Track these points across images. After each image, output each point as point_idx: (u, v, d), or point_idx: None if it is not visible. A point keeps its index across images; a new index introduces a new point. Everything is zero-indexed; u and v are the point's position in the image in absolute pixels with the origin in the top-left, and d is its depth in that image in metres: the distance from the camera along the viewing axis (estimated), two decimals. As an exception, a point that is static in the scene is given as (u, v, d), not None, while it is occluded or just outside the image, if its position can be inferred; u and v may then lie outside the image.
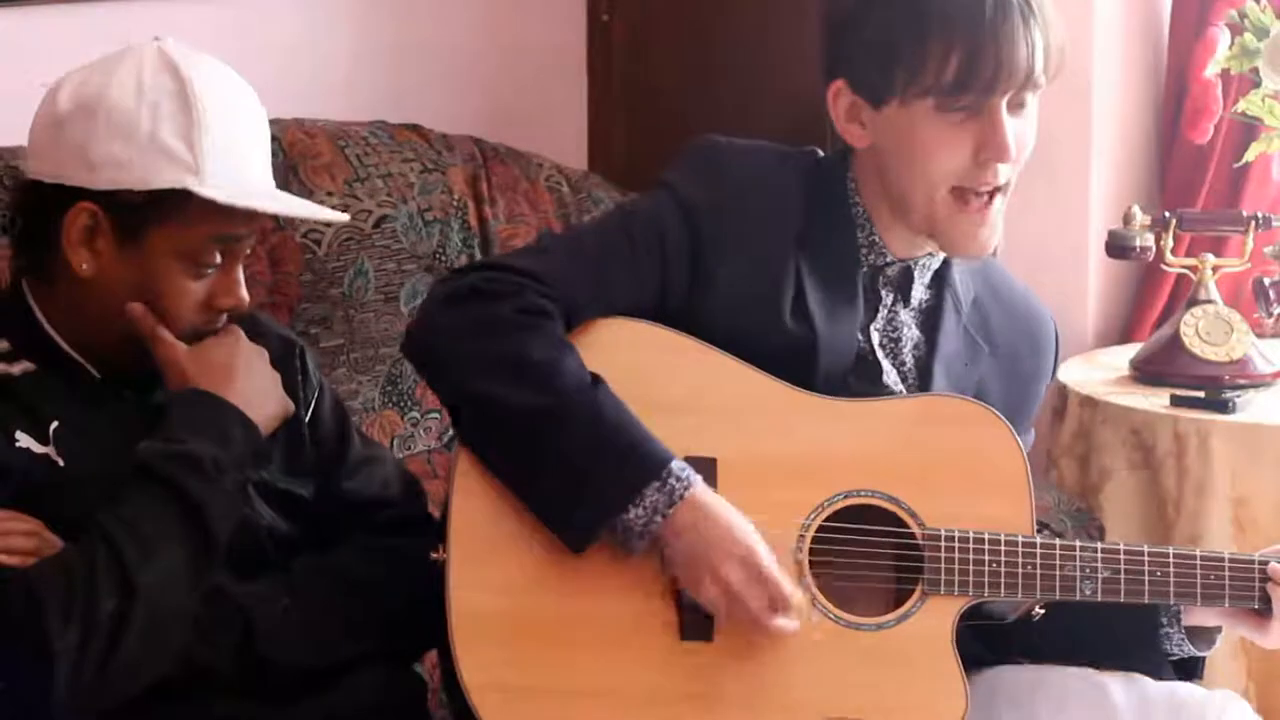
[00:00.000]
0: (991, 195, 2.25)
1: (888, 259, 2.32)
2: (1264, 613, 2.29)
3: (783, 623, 2.18)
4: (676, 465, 2.16)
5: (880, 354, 2.33)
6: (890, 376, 2.33)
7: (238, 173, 2.17)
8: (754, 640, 2.21)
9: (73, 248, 2.16)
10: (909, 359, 2.35)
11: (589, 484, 2.16)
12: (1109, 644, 2.39)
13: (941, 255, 2.34)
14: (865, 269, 2.32)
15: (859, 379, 2.31)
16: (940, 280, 2.36)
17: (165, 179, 2.13)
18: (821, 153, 2.39)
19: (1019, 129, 2.24)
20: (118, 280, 2.16)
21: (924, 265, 2.34)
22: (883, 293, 2.34)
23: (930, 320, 2.36)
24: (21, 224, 2.23)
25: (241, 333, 2.23)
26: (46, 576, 2.03)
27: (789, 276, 2.28)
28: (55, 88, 2.19)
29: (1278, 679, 3.35)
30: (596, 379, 2.20)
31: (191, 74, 2.16)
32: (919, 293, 2.35)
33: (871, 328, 2.33)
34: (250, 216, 2.19)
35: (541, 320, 2.21)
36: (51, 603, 2.01)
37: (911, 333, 2.35)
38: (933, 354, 2.35)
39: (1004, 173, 2.25)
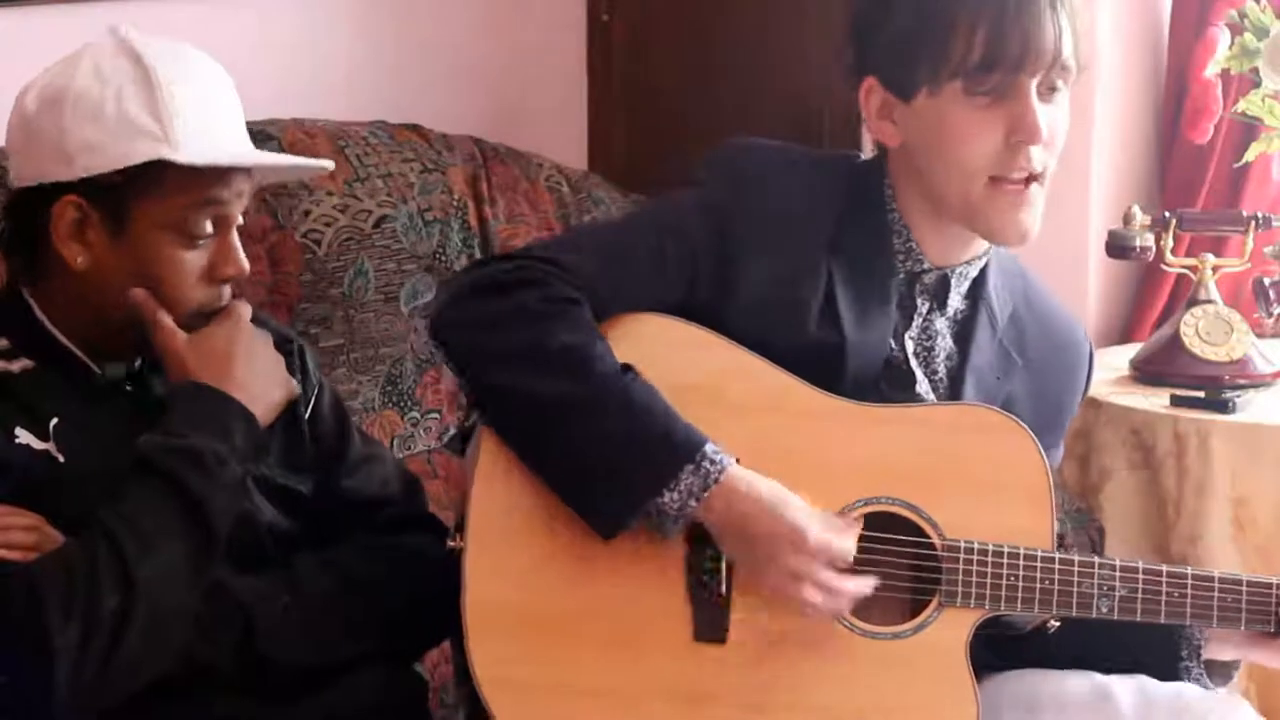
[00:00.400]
0: (1027, 182, 2.23)
1: (925, 266, 2.31)
2: (1278, 635, 2.29)
3: (855, 586, 2.17)
4: (710, 448, 2.15)
5: (914, 363, 2.32)
6: (923, 386, 2.32)
7: (209, 137, 2.17)
8: (767, 644, 2.21)
9: (64, 243, 2.16)
10: (942, 368, 2.34)
11: (621, 469, 2.15)
12: (1126, 670, 2.38)
13: (979, 264, 2.34)
14: (902, 276, 2.31)
15: (891, 387, 2.30)
16: (976, 292, 2.35)
17: (139, 153, 2.13)
18: (863, 156, 2.38)
19: (1051, 116, 2.23)
20: (114, 268, 2.16)
21: (961, 274, 2.33)
22: (919, 301, 2.33)
23: (964, 331, 2.35)
24: (10, 230, 2.23)
25: (244, 314, 2.23)
26: (47, 572, 2.03)
27: (819, 281, 2.27)
28: (23, 93, 2.21)
29: (1278, 677, 3.35)
30: (627, 366, 2.20)
31: (147, 53, 2.17)
32: (955, 302, 2.34)
33: (906, 336, 2.32)
34: (229, 178, 2.18)
35: (569, 307, 2.20)
36: (52, 599, 2.01)
37: (945, 342, 2.34)
38: (964, 365, 2.33)
39: (1037, 157, 2.23)
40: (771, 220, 2.27)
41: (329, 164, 2.38)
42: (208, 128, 2.17)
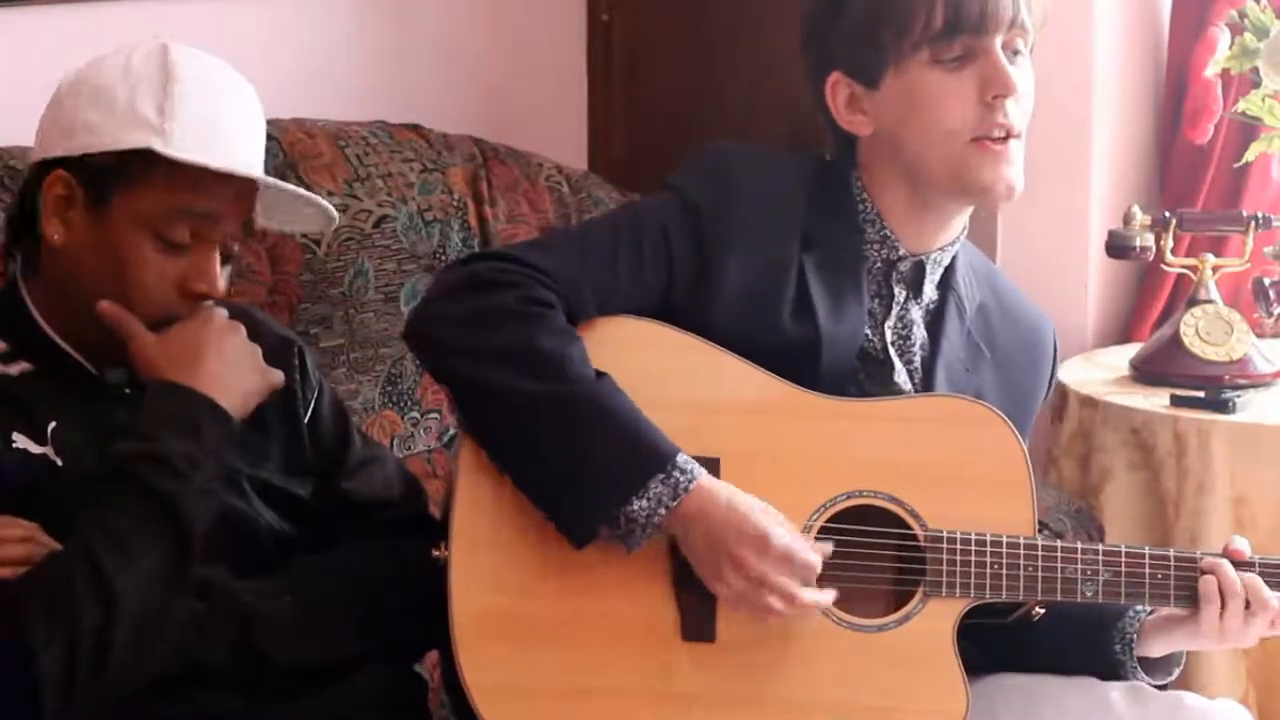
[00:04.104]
0: (1006, 139, 2.25)
1: (900, 253, 2.33)
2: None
3: (814, 597, 2.17)
4: (681, 459, 2.16)
5: (892, 352, 2.34)
6: (900, 376, 2.33)
7: (207, 143, 2.16)
8: (755, 641, 2.21)
9: (47, 218, 2.17)
10: (917, 358, 2.35)
11: (593, 475, 2.16)
12: (1062, 668, 2.39)
13: (951, 252, 2.35)
14: (879, 264, 2.33)
15: (869, 378, 2.32)
16: (945, 281, 2.37)
17: (130, 140, 2.14)
18: (828, 156, 2.39)
19: (1018, 75, 2.26)
20: (87, 252, 2.16)
21: (936, 260, 2.35)
22: (896, 289, 2.34)
23: (935, 321, 2.36)
24: (14, 208, 2.24)
25: (215, 312, 2.21)
26: (28, 591, 2.02)
27: (791, 276, 2.28)
28: (60, 82, 2.21)
29: (1277, 681, 3.35)
30: (601, 374, 2.20)
31: (180, 59, 2.18)
32: (929, 291, 2.36)
33: (885, 325, 2.34)
34: (215, 190, 2.17)
35: (545, 310, 2.21)
36: (34, 619, 2.00)
37: (920, 331, 2.36)
38: (935, 356, 2.35)
39: (1013, 112, 2.25)
40: (745, 220, 2.29)
41: (334, 212, 2.35)
42: (209, 136, 2.16)
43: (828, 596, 2.19)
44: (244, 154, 2.21)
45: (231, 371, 2.18)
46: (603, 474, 2.15)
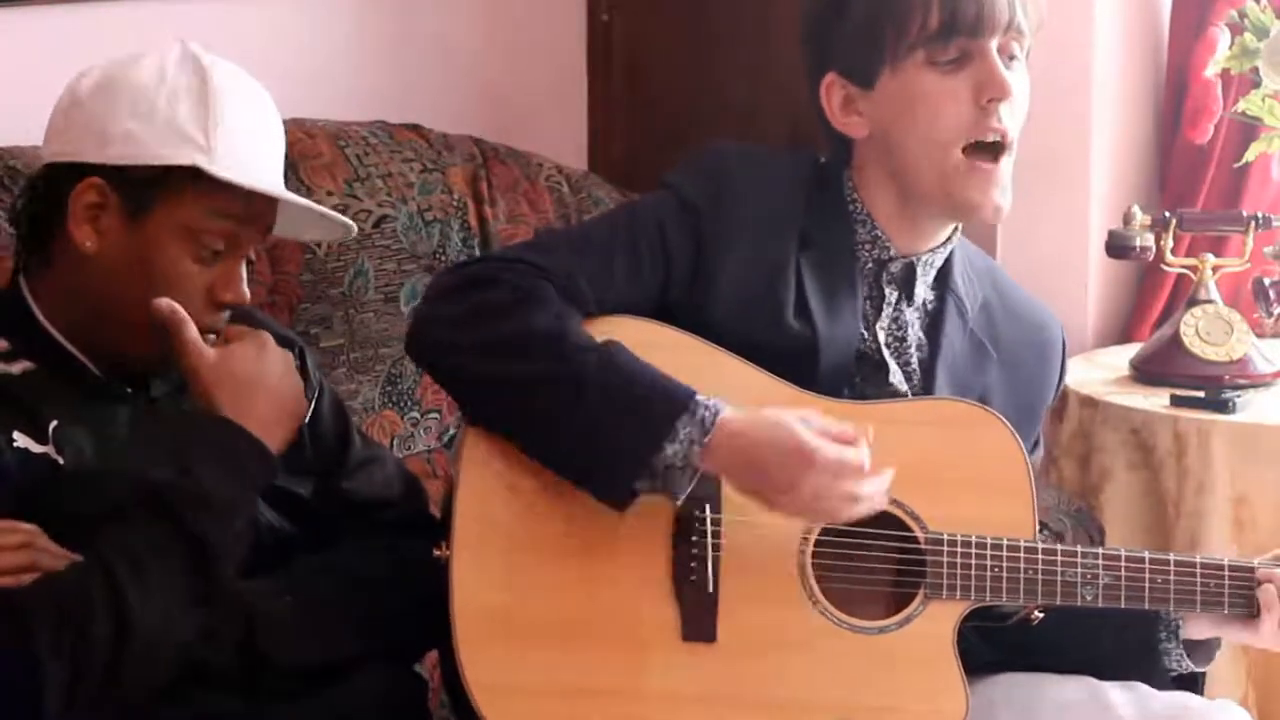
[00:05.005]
0: (998, 154, 2.26)
1: (891, 253, 2.33)
2: (1256, 616, 2.30)
3: (875, 487, 2.15)
4: (700, 396, 2.15)
5: (886, 353, 2.34)
6: (895, 376, 2.33)
7: (246, 160, 2.18)
8: (756, 641, 2.22)
9: (77, 224, 2.17)
10: (914, 359, 2.35)
11: (621, 434, 2.15)
12: (1110, 658, 2.39)
13: (944, 253, 2.35)
14: (870, 265, 2.33)
15: (865, 379, 2.32)
16: (943, 283, 2.37)
17: (177, 157, 2.15)
18: (823, 157, 2.40)
19: (1014, 80, 2.26)
20: (121, 259, 2.17)
21: (927, 262, 2.35)
22: (887, 290, 2.34)
23: (933, 322, 2.37)
24: (28, 206, 2.24)
25: (269, 338, 2.22)
26: (38, 603, 2.01)
27: (789, 276, 2.28)
28: (79, 78, 2.22)
29: (1277, 682, 3.35)
30: (606, 340, 2.20)
31: (212, 71, 2.20)
32: (922, 292, 2.36)
33: (877, 326, 2.34)
34: (253, 204, 2.19)
35: (536, 295, 2.21)
36: (42, 633, 1.99)
37: (915, 332, 2.36)
38: (935, 356, 2.35)
39: (1006, 118, 2.25)
40: (744, 219, 2.29)
41: (353, 226, 2.37)
42: (246, 152, 2.19)
43: (886, 477, 2.16)
44: (273, 163, 2.24)
45: (279, 409, 2.18)
46: (629, 428, 2.14)
